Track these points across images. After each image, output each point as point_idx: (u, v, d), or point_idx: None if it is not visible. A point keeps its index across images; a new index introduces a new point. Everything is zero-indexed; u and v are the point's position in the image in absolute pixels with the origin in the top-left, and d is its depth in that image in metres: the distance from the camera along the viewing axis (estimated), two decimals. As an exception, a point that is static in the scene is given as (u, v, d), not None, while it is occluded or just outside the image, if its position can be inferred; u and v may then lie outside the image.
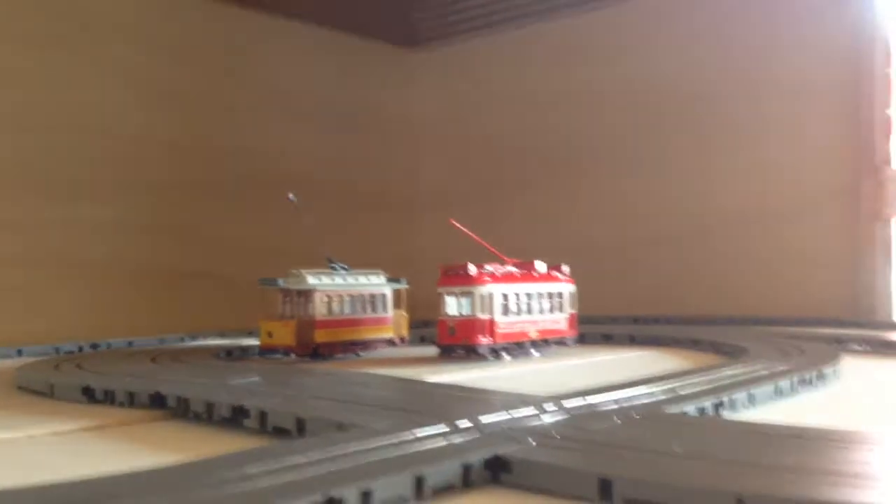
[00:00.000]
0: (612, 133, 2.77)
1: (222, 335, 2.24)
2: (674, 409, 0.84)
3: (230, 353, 1.76)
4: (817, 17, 2.42)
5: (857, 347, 1.68)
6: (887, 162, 2.32)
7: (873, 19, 2.33)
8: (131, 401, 1.03)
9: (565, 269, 1.78)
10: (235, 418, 0.88)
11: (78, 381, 1.13)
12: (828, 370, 1.17)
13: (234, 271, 2.50)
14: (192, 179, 2.54)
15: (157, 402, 1.00)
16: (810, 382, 1.11)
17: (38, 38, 2.26)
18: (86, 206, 2.31)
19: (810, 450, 0.64)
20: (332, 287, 1.69)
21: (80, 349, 1.97)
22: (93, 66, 2.36)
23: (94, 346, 2.01)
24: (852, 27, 2.36)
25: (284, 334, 1.62)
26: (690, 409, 0.86)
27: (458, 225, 1.64)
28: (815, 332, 1.87)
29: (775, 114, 2.48)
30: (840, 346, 1.60)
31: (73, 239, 2.29)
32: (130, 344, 2.06)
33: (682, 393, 0.93)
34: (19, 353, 1.92)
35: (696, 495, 0.53)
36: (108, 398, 1.07)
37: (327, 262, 1.74)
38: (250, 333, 1.91)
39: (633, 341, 1.92)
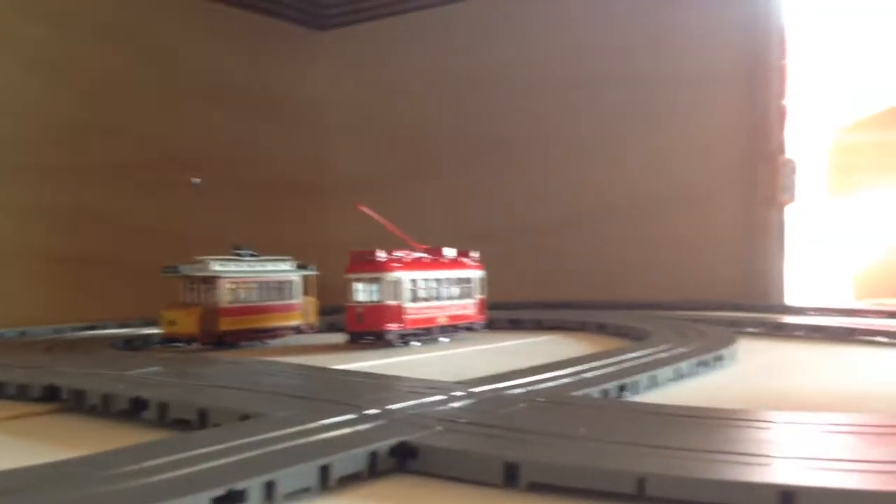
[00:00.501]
0: (517, 118, 2.80)
1: (123, 325, 2.17)
2: (579, 393, 0.86)
3: (130, 343, 1.70)
4: (716, 7, 2.49)
5: (752, 330, 1.74)
6: (782, 150, 2.41)
7: (770, 10, 2.42)
8: (23, 393, 0.99)
9: (474, 254, 1.79)
10: (134, 410, 0.85)
11: (-35, 374, 1.07)
12: (725, 353, 1.21)
13: (136, 258, 2.42)
14: (91, 162, 2.44)
15: (51, 394, 0.96)
16: (709, 365, 1.14)
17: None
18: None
19: (709, 430, 0.66)
20: (238, 274, 1.66)
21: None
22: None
23: (-15, 337, 1.92)
24: (750, 17, 2.44)
25: (188, 323, 1.58)
26: (595, 392, 0.87)
27: (367, 210, 1.62)
28: (713, 316, 1.94)
29: (674, 101, 2.55)
30: (736, 328, 1.66)
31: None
32: (23, 334, 1.98)
33: (587, 377, 0.95)
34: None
35: (600, 476, 0.54)
36: (-2, 391, 1.02)
37: (233, 249, 1.71)
38: (152, 323, 1.85)
39: (540, 326, 1.94)
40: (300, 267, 1.81)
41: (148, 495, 0.48)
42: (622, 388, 0.92)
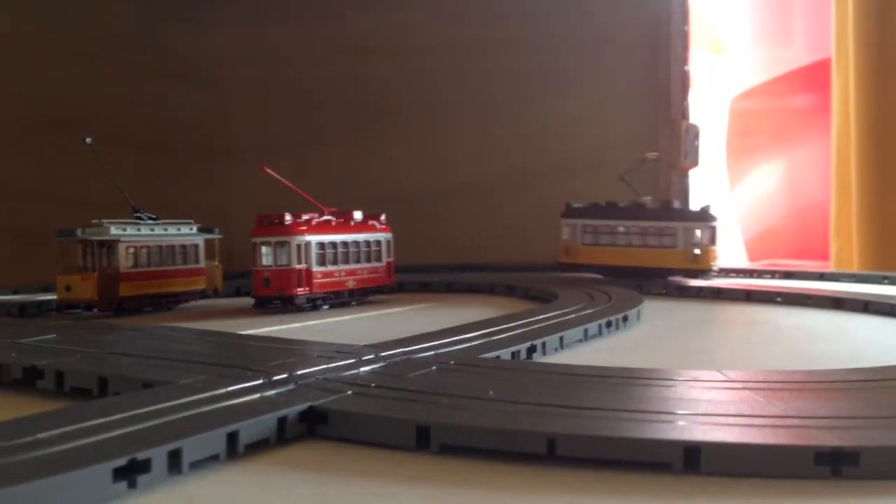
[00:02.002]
0: (419, 82, 2.77)
1: (15, 291, 2.08)
2: (488, 356, 0.86)
3: (23, 310, 1.63)
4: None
5: (656, 291, 1.79)
6: (685, 115, 2.47)
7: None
8: None
9: (382, 218, 1.78)
10: (28, 380, 0.81)
11: None
12: (632, 313, 1.23)
13: (29, 222, 2.31)
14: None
15: (-63, 364, 0.91)
16: (616, 326, 1.17)
17: None
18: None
19: (617, 390, 0.67)
20: (139, 238, 1.61)
21: None
22: None
23: None
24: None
25: (84, 288, 1.53)
26: (505, 354, 0.88)
27: (271, 172, 1.59)
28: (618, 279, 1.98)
29: (577, 66, 2.57)
30: (642, 290, 1.70)
31: None
32: None
33: (497, 339, 0.95)
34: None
35: (510, 437, 0.54)
36: None
37: (132, 212, 1.65)
38: (46, 289, 1.78)
39: (449, 288, 1.95)
40: (203, 230, 1.77)
41: (44, 467, 0.46)
42: (531, 350, 0.93)
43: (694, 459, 0.50)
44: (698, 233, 1.89)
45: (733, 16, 3.12)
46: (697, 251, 1.88)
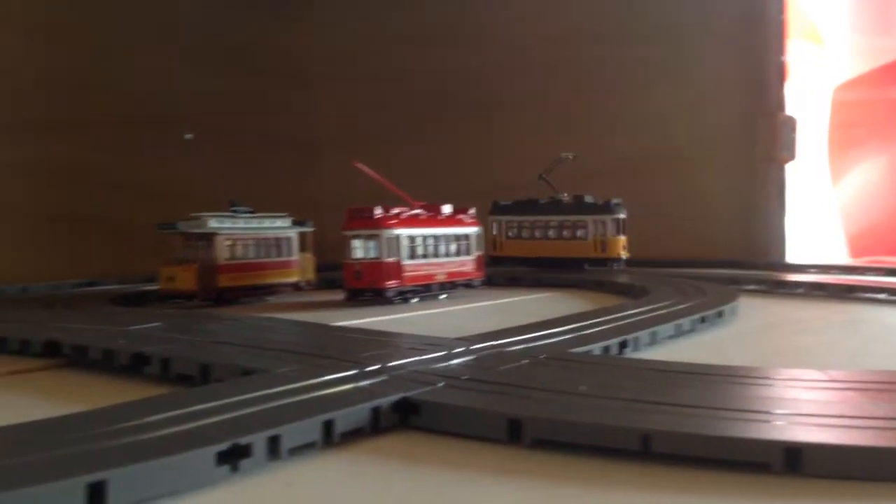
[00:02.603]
0: (514, 74, 2.76)
1: (122, 281, 2.17)
2: (579, 350, 0.86)
3: (129, 299, 1.70)
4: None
5: (753, 287, 1.75)
6: (781, 107, 2.39)
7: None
8: (24, 349, 0.99)
9: (472, 211, 1.78)
10: (136, 366, 0.85)
11: (-36, 330, 1.07)
12: (726, 309, 1.21)
13: (134, 215, 2.40)
14: (88, 119, 2.41)
15: (53, 349, 0.96)
16: (710, 321, 1.15)
17: None
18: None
19: (712, 387, 0.66)
20: (235, 230, 1.66)
21: (-33, 296, 1.87)
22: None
23: (-18, 293, 1.92)
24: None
25: (186, 279, 1.58)
26: (595, 349, 0.88)
27: (362, 167, 1.61)
28: (714, 273, 1.94)
29: (672, 57, 2.52)
30: (737, 286, 1.66)
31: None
32: (24, 290, 1.97)
33: (588, 333, 0.95)
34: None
35: (603, 433, 0.54)
36: (-1, 346, 1.02)
37: (230, 206, 1.70)
38: (151, 280, 1.85)
39: (538, 283, 1.94)
40: (297, 223, 1.81)
41: (152, 450, 0.48)
42: (623, 345, 0.92)
43: (795, 461, 0.49)
44: (607, 224, 2.07)
45: (831, 3, 3.00)
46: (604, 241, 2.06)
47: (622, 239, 2.08)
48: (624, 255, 2.07)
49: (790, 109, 2.40)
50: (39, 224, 2.29)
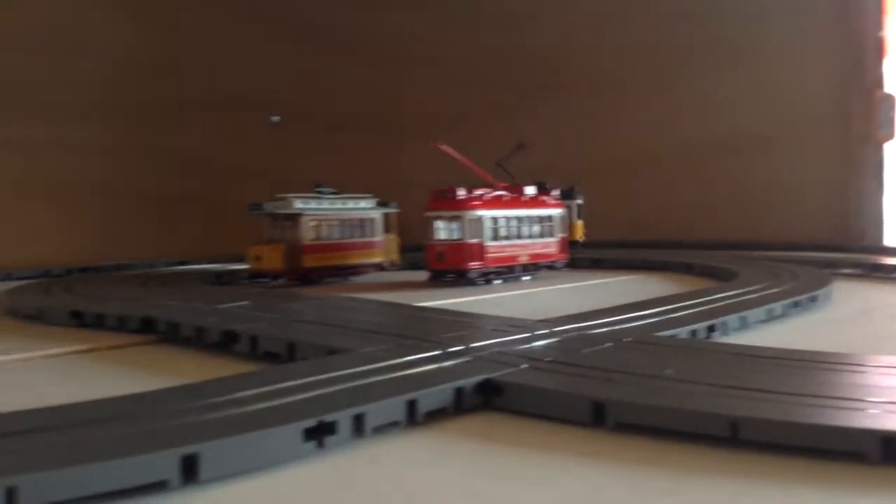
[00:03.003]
0: (604, 53, 2.72)
1: (212, 260, 2.23)
2: (666, 334, 0.84)
3: (219, 278, 1.75)
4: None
5: (847, 271, 1.69)
6: (879, 84, 2.29)
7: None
8: (121, 325, 1.03)
9: (555, 193, 1.77)
10: (226, 343, 0.87)
11: (67, 306, 1.12)
12: (819, 294, 1.17)
13: (223, 195, 2.47)
14: (180, 102, 2.49)
15: (148, 326, 1.00)
16: (802, 306, 1.11)
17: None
18: (76, 130, 2.27)
19: (803, 373, 0.64)
20: (321, 211, 1.68)
21: (70, 272, 1.96)
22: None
23: (84, 270, 2.00)
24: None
25: (272, 259, 1.62)
26: (683, 333, 0.86)
27: (446, 148, 1.61)
28: (806, 256, 1.88)
29: (766, 34, 2.44)
30: (831, 269, 1.61)
31: (63, 162, 2.26)
32: (119, 268, 2.05)
33: (674, 317, 0.93)
34: (9, 276, 1.90)
35: (689, 418, 0.53)
36: (98, 322, 1.06)
37: (315, 187, 1.72)
38: (240, 258, 1.90)
39: (622, 266, 1.92)
40: (381, 205, 1.82)
41: (242, 425, 0.49)
42: (711, 329, 0.90)
43: (893, 451, 0.47)
44: (572, 209, 2.11)
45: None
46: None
47: (580, 223, 2.17)
48: (582, 238, 2.16)
49: (888, 87, 2.29)
50: (135, 204, 2.38)
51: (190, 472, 0.45)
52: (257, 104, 2.50)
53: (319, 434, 0.51)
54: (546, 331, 0.82)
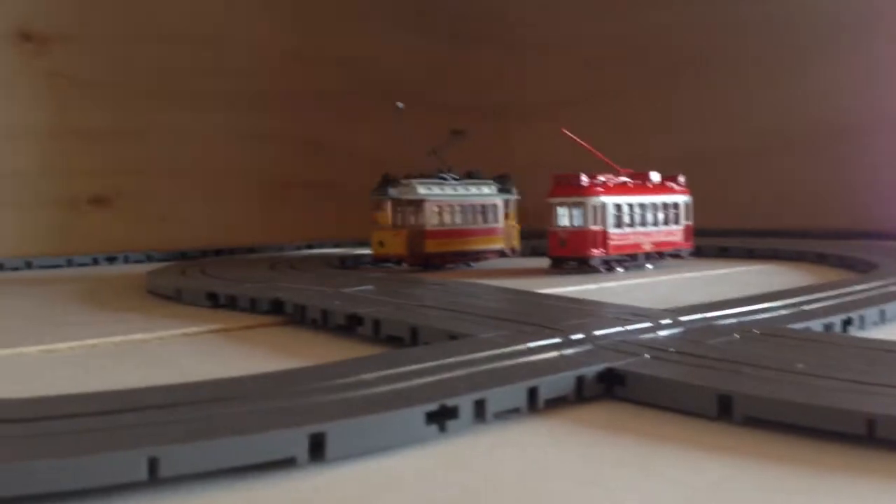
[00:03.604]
0: (719, 33, 2.62)
1: (337, 244, 2.29)
2: (798, 326, 0.81)
3: (344, 262, 1.80)
4: None
5: None
6: None
7: None
8: (252, 306, 1.07)
9: (681, 179, 1.72)
10: (350, 326, 0.90)
11: (203, 287, 1.18)
12: (967, 288, 1.09)
13: (349, 181, 2.53)
14: (307, 90, 2.56)
15: (277, 308, 1.04)
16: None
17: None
18: (206, 116, 2.37)
19: (948, 371, 0.60)
20: (443, 197, 1.70)
21: (205, 255, 2.05)
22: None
23: (218, 253, 2.09)
24: None
25: (396, 244, 1.64)
26: (816, 326, 0.82)
27: (569, 134, 1.60)
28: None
29: (890, 15, 2.29)
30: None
31: (196, 149, 2.36)
32: (251, 251, 2.13)
33: (807, 309, 0.89)
34: (149, 258, 2.01)
35: (823, 415, 0.51)
36: (231, 303, 1.11)
37: (438, 173, 1.74)
38: (363, 243, 1.94)
39: (751, 255, 1.85)
40: (502, 191, 1.82)
41: (367, 406, 0.51)
42: (847, 323, 0.86)
43: None
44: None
45: None
46: None
47: (516, 226, 1.97)
48: (517, 246, 1.95)
49: None
50: (267, 189, 2.47)
51: (317, 450, 0.47)
52: (384, 91, 2.55)
53: (441, 418, 0.52)
54: (670, 320, 0.80)
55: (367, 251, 1.82)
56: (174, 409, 0.50)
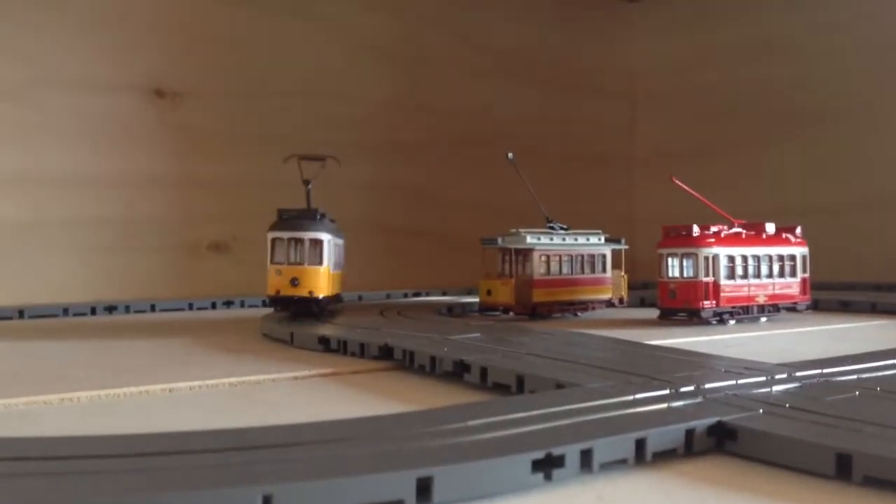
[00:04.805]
0: (835, 86, 2.54)
1: (445, 292, 2.31)
2: (923, 385, 0.77)
3: (451, 310, 1.81)
4: None
5: None
6: None
7: None
8: (362, 351, 1.10)
9: (798, 231, 1.67)
10: (457, 372, 0.91)
11: (315, 332, 1.21)
12: None
13: (457, 229, 2.56)
14: (417, 140, 2.62)
15: (386, 353, 1.06)
16: None
17: (278, 4, 2.41)
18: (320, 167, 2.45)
19: None
20: (551, 247, 1.70)
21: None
22: (324, 30, 2.48)
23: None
24: None
25: (503, 293, 1.65)
26: (943, 384, 0.78)
27: (679, 183, 1.58)
28: None
29: None
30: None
31: (316, 199, 2.44)
32: (360, 298, 2.18)
33: (934, 367, 0.85)
34: (264, 303, 2.08)
35: (950, 478, 0.48)
36: (342, 348, 1.14)
37: (546, 222, 1.75)
38: (470, 291, 1.95)
39: (874, 309, 1.77)
40: (610, 240, 1.81)
41: (474, 452, 0.51)
42: (978, 383, 0.81)
43: None
44: None
45: None
46: None
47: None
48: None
49: None
50: (377, 237, 2.52)
51: (425, 494, 0.47)
52: (492, 141, 2.59)
53: (547, 466, 0.52)
54: (785, 375, 0.78)
55: (474, 299, 1.83)
56: (287, 449, 0.52)
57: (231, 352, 1.18)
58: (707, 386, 0.72)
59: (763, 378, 0.76)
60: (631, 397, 0.67)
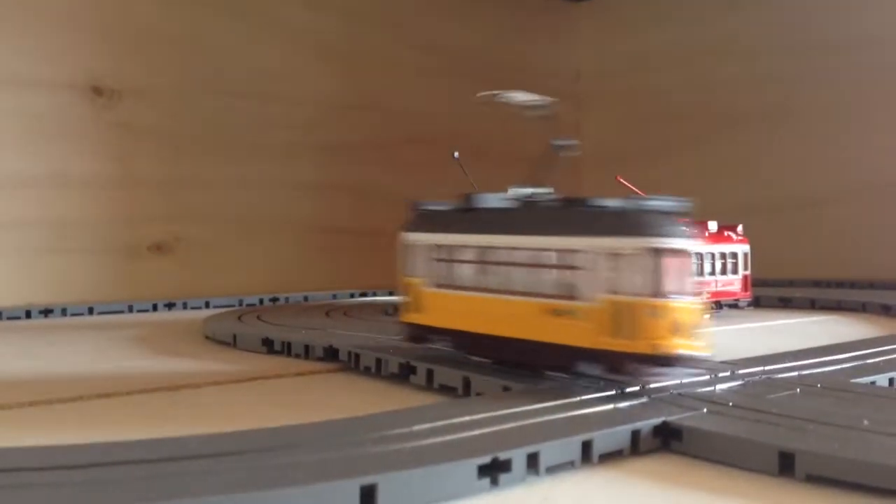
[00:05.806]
0: (774, 86, 2.59)
1: (391, 293, 2.30)
2: (861, 380, 0.79)
3: (398, 310, 1.80)
4: None
5: None
6: None
7: None
8: (307, 353, 1.08)
9: (739, 229, 1.70)
10: (403, 374, 0.90)
11: (259, 333, 1.19)
12: None
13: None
14: (363, 140, 2.60)
15: (331, 354, 1.04)
16: None
17: (222, 4, 2.37)
18: (265, 167, 2.42)
19: None
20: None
21: (261, 302, 2.08)
22: (268, 29, 2.45)
23: (274, 300, 2.12)
24: None
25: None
26: (881, 380, 0.80)
27: (625, 182, 1.59)
28: None
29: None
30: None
31: (254, 198, 2.41)
32: (306, 298, 2.15)
33: (871, 363, 0.87)
34: (207, 304, 2.04)
35: (888, 474, 0.49)
36: (286, 349, 1.12)
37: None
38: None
39: (813, 305, 1.81)
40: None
41: (419, 458, 0.50)
42: (914, 378, 0.83)
43: None
44: None
45: None
46: None
47: None
48: None
49: None
50: (321, 238, 2.50)
51: (368, 501, 0.46)
52: (438, 140, 2.58)
53: (493, 471, 0.51)
54: (728, 373, 0.79)
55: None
56: (225, 459, 0.50)
57: (171, 355, 1.16)
58: (652, 386, 0.72)
59: (707, 377, 0.77)
60: (577, 399, 0.67)
